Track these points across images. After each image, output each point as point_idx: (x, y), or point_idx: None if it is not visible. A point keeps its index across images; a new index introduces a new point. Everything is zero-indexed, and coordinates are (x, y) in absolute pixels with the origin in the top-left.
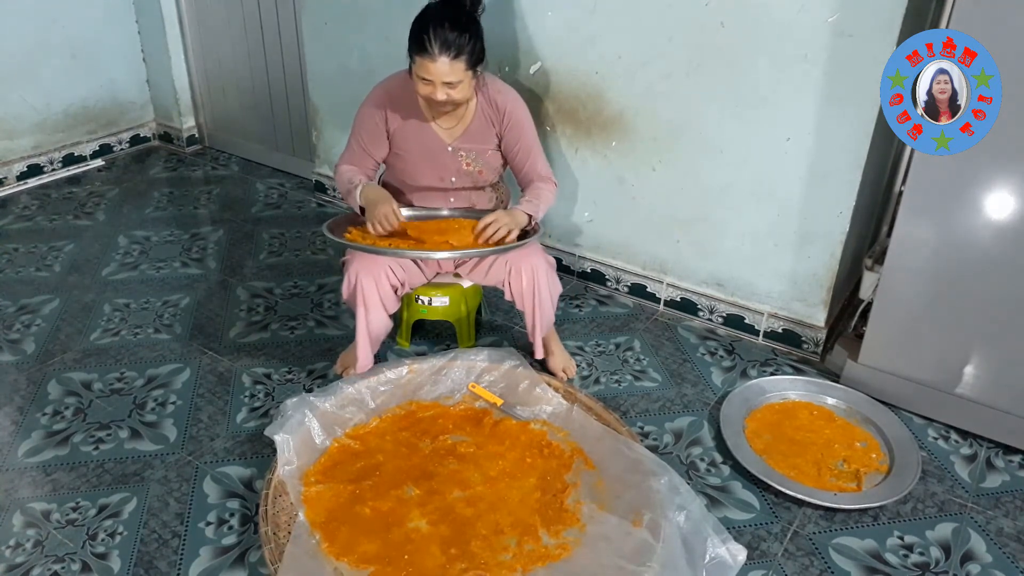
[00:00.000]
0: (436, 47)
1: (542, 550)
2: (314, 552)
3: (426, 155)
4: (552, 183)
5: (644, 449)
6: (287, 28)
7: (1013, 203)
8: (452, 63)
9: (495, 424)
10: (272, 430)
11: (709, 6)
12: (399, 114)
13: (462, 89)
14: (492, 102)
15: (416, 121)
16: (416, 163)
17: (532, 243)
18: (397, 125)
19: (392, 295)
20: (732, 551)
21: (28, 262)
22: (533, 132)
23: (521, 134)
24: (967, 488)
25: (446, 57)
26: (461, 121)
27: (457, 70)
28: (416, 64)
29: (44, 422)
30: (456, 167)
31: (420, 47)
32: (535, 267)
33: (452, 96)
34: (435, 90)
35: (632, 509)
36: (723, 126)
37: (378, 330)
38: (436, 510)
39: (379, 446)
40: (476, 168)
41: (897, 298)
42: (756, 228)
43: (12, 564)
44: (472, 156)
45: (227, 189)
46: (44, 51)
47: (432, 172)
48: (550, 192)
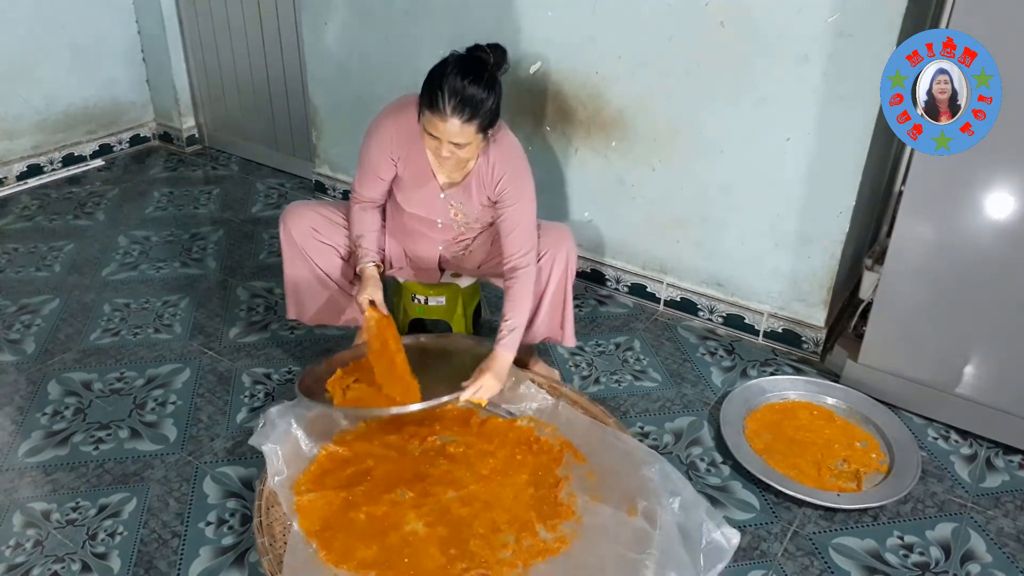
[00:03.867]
0: (449, 107)
1: (541, 545)
2: (312, 561)
3: (419, 194)
4: (531, 267)
5: (633, 439)
6: (287, 28)
7: (1013, 203)
8: (463, 126)
9: (482, 423)
10: (258, 440)
11: (709, 6)
12: (405, 149)
13: (470, 150)
14: (491, 167)
15: (418, 159)
16: (409, 195)
17: (562, 231)
18: (402, 157)
19: (320, 246)
20: (727, 535)
21: (28, 262)
22: (526, 208)
23: (510, 207)
24: (967, 488)
25: (457, 119)
26: (459, 173)
27: (467, 133)
28: (425, 118)
29: (44, 422)
30: (444, 213)
31: (432, 103)
32: (569, 256)
33: (458, 154)
34: (441, 147)
35: (626, 498)
36: (723, 126)
37: (302, 279)
38: (432, 511)
39: (368, 451)
40: (464, 220)
41: (897, 298)
42: (756, 228)
43: (12, 564)
44: (463, 208)
45: (227, 189)
46: (44, 51)
47: (422, 208)
48: (528, 285)
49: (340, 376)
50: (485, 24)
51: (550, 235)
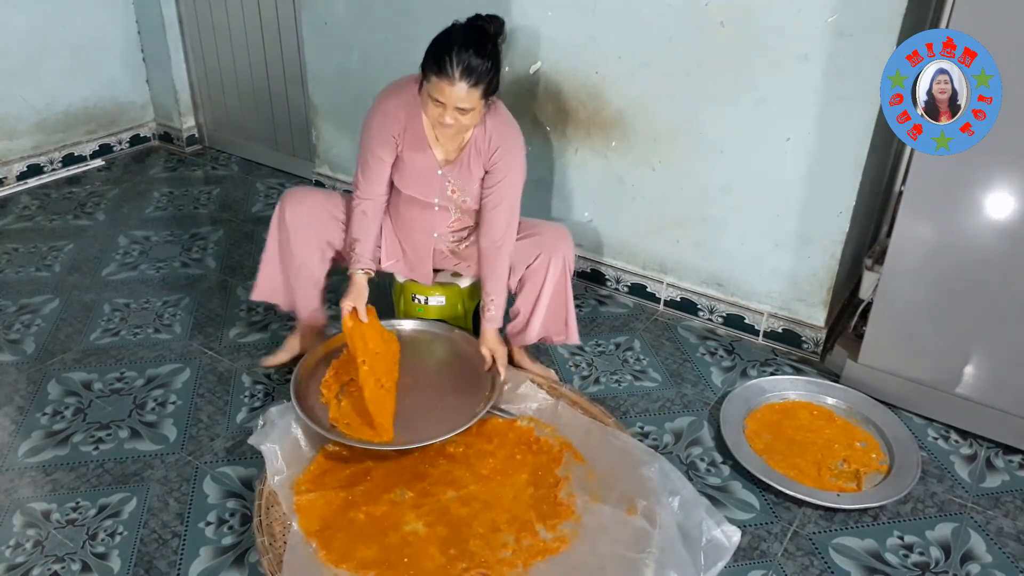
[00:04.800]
0: (457, 71)
1: (540, 544)
2: (312, 561)
3: (420, 172)
4: (510, 244)
5: (631, 438)
6: (287, 28)
7: (1013, 203)
8: (470, 90)
9: (482, 423)
10: (257, 439)
11: (709, 6)
12: (404, 125)
13: (472, 116)
14: (487, 137)
15: (417, 137)
16: (405, 175)
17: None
18: (403, 135)
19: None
20: (727, 532)
21: (28, 262)
22: (513, 183)
23: (499, 180)
24: (967, 488)
25: (465, 83)
26: (457, 146)
27: (473, 97)
28: (431, 84)
29: (44, 422)
30: (441, 191)
31: (440, 68)
32: (566, 257)
33: (461, 121)
34: (445, 113)
35: (625, 498)
36: (723, 126)
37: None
38: (431, 511)
39: (367, 451)
40: (461, 197)
41: (897, 298)
42: (756, 228)
43: (12, 564)
44: (459, 185)
45: (227, 189)
46: (44, 51)
47: (418, 189)
48: (507, 261)
49: (334, 374)
50: None
51: (548, 235)
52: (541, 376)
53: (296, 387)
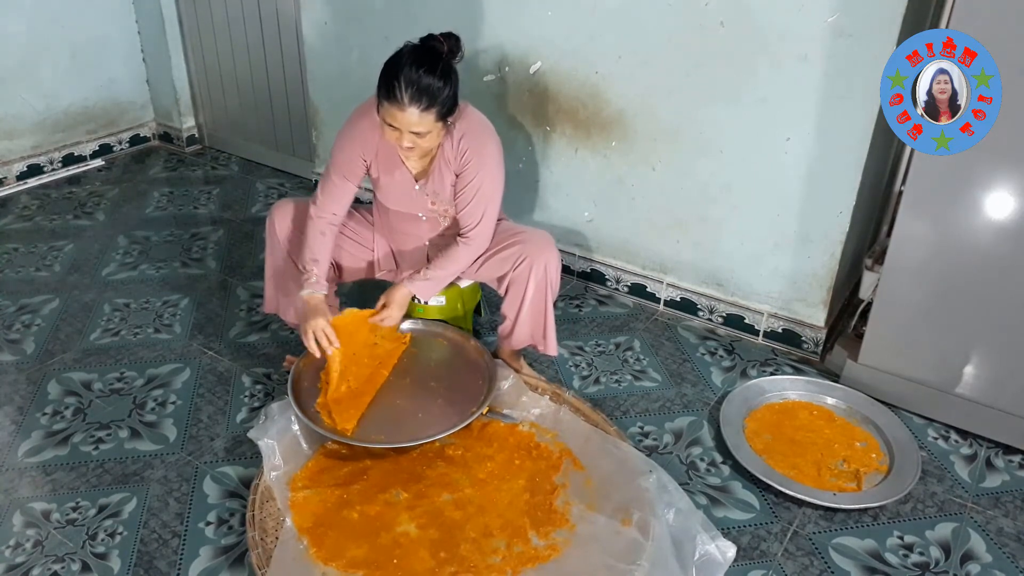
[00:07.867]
0: (406, 96)
1: (531, 552)
2: (301, 557)
3: (398, 189)
4: (473, 245)
5: (632, 448)
6: (287, 28)
7: (1013, 203)
8: (422, 114)
9: (483, 427)
10: (257, 434)
11: (709, 6)
12: (378, 149)
13: (430, 139)
14: (456, 142)
15: (390, 156)
16: (387, 192)
17: None
18: (375, 157)
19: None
20: (721, 548)
21: (28, 262)
22: (484, 183)
23: (468, 182)
24: (967, 488)
25: (416, 108)
26: (426, 162)
27: (427, 121)
28: (383, 109)
29: (44, 422)
30: (423, 205)
31: (389, 93)
32: (548, 265)
33: (419, 144)
34: (402, 137)
35: (621, 508)
36: (723, 126)
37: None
38: (425, 513)
39: (366, 450)
40: (441, 208)
41: (897, 298)
42: (756, 228)
43: (12, 564)
44: (438, 197)
45: (227, 189)
46: (44, 51)
47: (402, 204)
48: (471, 256)
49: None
50: (485, 24)
51: (532, 242)
52: (533, 380)
53: (294, 385)
